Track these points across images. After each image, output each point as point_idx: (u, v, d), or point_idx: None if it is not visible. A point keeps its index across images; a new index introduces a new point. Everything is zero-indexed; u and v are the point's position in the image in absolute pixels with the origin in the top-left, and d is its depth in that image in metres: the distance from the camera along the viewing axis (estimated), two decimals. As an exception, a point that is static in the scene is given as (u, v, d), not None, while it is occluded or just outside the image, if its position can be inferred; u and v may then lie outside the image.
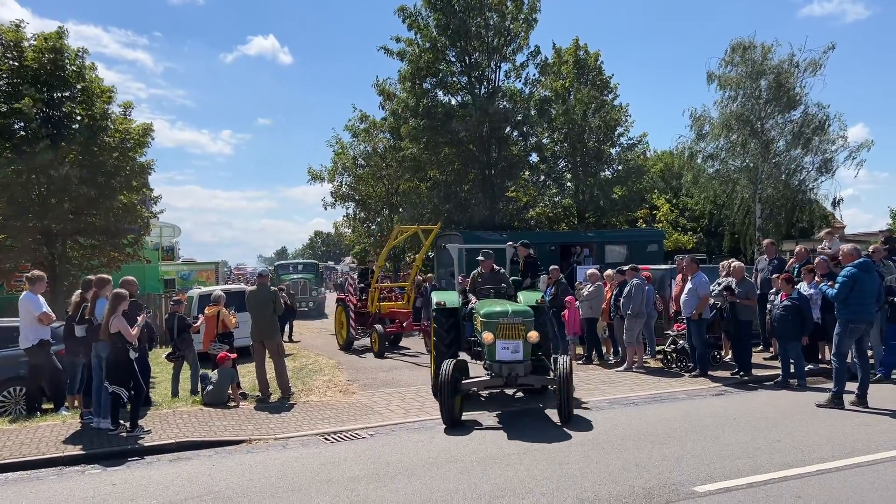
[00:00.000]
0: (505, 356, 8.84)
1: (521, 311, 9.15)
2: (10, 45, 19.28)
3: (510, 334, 8.87)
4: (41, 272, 10.67)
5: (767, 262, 13.42)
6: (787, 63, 27.40)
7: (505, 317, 8.94)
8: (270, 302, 11.29)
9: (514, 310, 9.07)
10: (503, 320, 8.93)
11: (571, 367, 8.78)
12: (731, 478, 6.31)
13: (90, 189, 19.50)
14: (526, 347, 8.89)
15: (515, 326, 8.89)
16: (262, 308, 11.28)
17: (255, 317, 11.34)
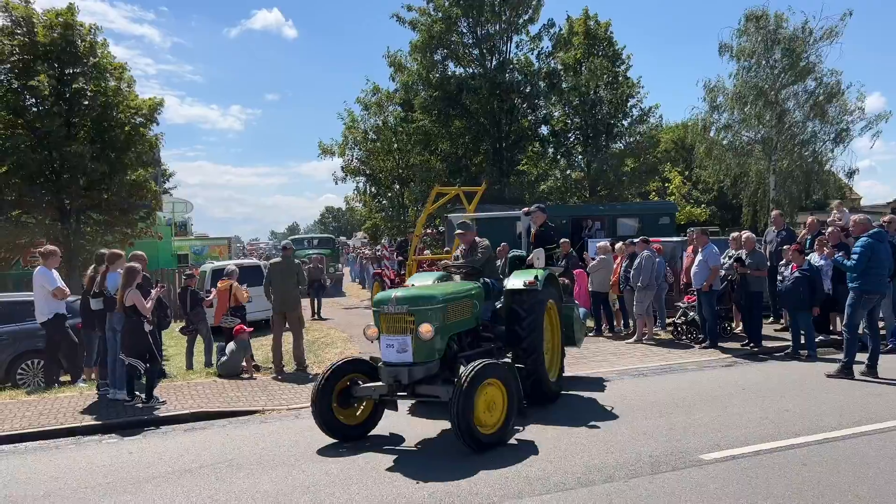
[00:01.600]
0: (389, 356, 6.85)
1: (410, 296, 7.02)
2: (21, 21, 19.30)
3: (395, 328, 6.84)
4: (54, 247, 10.83)
5: (776, 234, 13.35)
6: (802, 31, 26.92)
7: (388, 304, 6.90)
8: (294, 274, 11.37)
9: (400, 295, 7.00)
10: (386, 308, 6.91)
11: (478, 377, 6.34)
12: (738, 446, 6.37)
13: (102, 165, 19.63)
14: (418, 345, 6.74)
15: (400, 318, 6.80)
16: (285, 280, 11.34)
17: (277, 288, 11.38)
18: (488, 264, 8.58)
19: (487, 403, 6.48)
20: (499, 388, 6.59)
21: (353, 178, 35.61)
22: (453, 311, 7.24)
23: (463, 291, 7.66)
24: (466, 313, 7.57)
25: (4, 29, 19.26)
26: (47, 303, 10.07)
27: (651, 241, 13.50)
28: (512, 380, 6.76)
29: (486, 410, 6.48)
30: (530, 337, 7.90)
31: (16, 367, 11.23)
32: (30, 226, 20.32)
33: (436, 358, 6.95)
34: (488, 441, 6.43)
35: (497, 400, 6.59)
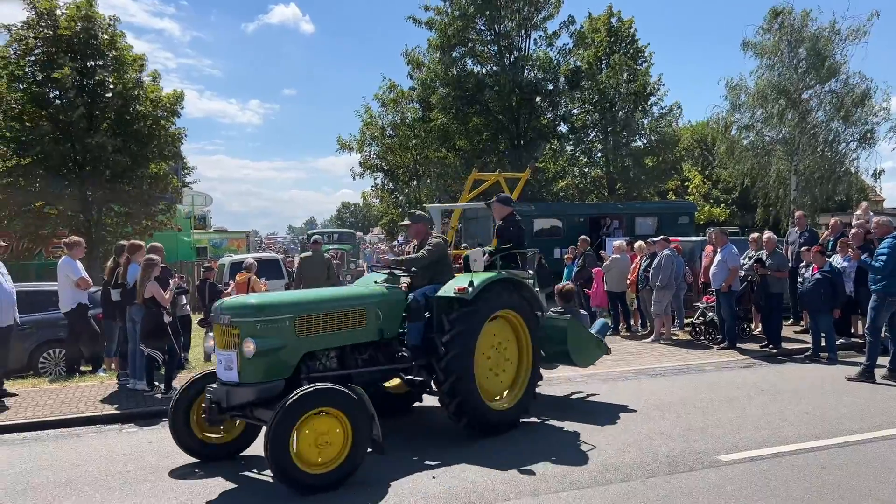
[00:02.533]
0: (220, 373, 6.02)
1: (235, 305, 6.13)
2: (44, 14, 19.55)
3: (222, 341, 6.00)
4: (79, 238, 10.96)
5: (798, 235, 13.20)
6: (828, 30, 26.55)
7: (218, 313, 6.08)
8: (325, 268, 11.50)
9: (227, 303, 6.18)
10: (214, 317, 6.19)
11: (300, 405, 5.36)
12: (756, 448, 6.32)
13: (124, 157, 19.85)
14: (244, 363, 5.77)
15: (226, 330, 5.96)
16: (315, 273, 11.45)
17: (308, 282, 11.49)
18: (437, 265, 7.25)
19: (316, 437, 5.42)
20: (338, 420, 5.51)
21: (370, 173, 35.74)
22: (320, 323, 6.15)
23: (346, 298, 6.69)
24: (355, 324, 6.43)
25: (30, 22, 19.52)
26: (71, 293, 10.20)
27: (670, 240, 13.41)
28: (359, 410, 5.60)
29: (314, 446, 5.42)
30: (451, 354, 6.46)
31: (38, 356, 11.39)
32: (52, 217, 20.61)
33: (274, 379, 5.84)
34: (316, 483, 5.40)
35: (333, 434, 5.49)
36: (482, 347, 6.91)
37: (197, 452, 6.33)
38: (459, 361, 6.51)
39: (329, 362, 6.40)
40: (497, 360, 7.15)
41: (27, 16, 19.60)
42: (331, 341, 6.33)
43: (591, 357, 8.58)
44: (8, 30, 19.49)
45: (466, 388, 6.57)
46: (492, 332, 7.06)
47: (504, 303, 7.06)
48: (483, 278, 6.82)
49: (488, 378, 7.06)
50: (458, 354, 6.50)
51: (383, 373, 6.82)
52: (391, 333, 6.81)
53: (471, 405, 6.64)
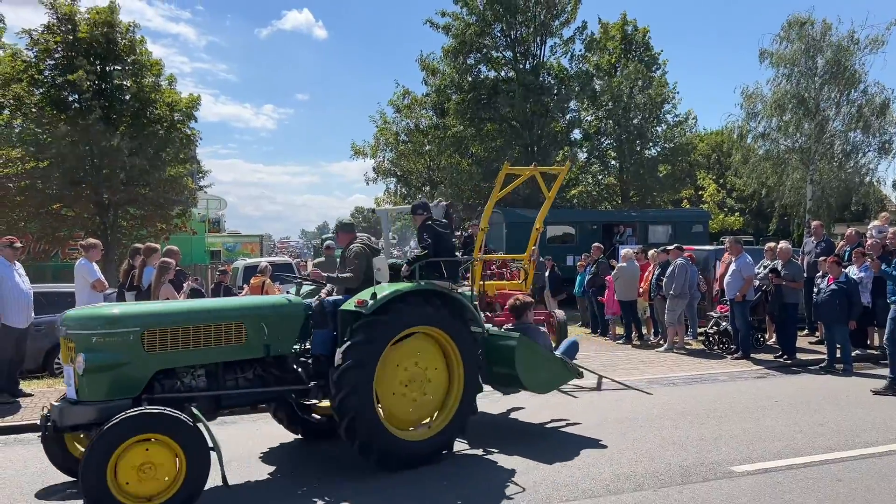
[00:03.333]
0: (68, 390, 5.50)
1: (74, 316, 5.54)
2: (65, 19, 19.82)
3: (65, 354, 5.50)
4: (96, 240, 11.05)
5: (815, 245, 13.10)
6: (847, 40, 26.39)
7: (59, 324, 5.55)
8: None
9: (66, 315, 5.56)
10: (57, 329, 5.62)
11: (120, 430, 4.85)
12: (770, 459, 6.26)
13: (141, 160, 20.05)
14: (79, 380, 5.25)
15: (65, 342, 5.47)
16: None
17: None
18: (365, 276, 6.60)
19: (140, 466, 4.88)
20: (168, 448, 4.98)
21: (384, 179, 35.85)
22: (178, 338, 5.56)
23: (215, 310, 6.06)
24: (229, 339, 5.81)
25: (50, 26, 19.80)
26: (88, 295, 10.25)
27: (684, 249, 13.35)
28: (193, 438, 5.03)
29: (137, 476, 4.87)
30: (345, 366, 5.79)
31: (53, 357, 11.48)
32: (69, 219, 20.83)
33: (117, 398, 5.25)
34: None
35: (162, 463, 4.97)
36: (393, 367, 6.19)
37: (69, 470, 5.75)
38: (353, 374, 5.79)
39: (195, 381, 5.77)
40: (415, 382, 6.31)
41: (48, 20, 19.88)
42: (195, 358, 5.71)
43: (552, 381, 7.46)
44: (29, 34, 19.78)
45: (360, 406, 5.80)
46: (410, 351, 6.30)
47: (423, 318, 6.27)
48: (390, 290, 6.11)
49: (402, 401, 6.26)
50: (351, 366, 5.78)
51: (269, 394, 6.13)
52: (282, 350, 6.12)
53: (367, 427, 5.86)
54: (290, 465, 6.54)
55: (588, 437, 7.12)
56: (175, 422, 4.99)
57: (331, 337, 6.19)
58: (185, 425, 5.02)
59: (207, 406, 5.71)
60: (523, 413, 8.26)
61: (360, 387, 5.82)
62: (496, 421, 7.91)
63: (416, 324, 6.26)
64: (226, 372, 5.94)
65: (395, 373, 6.22)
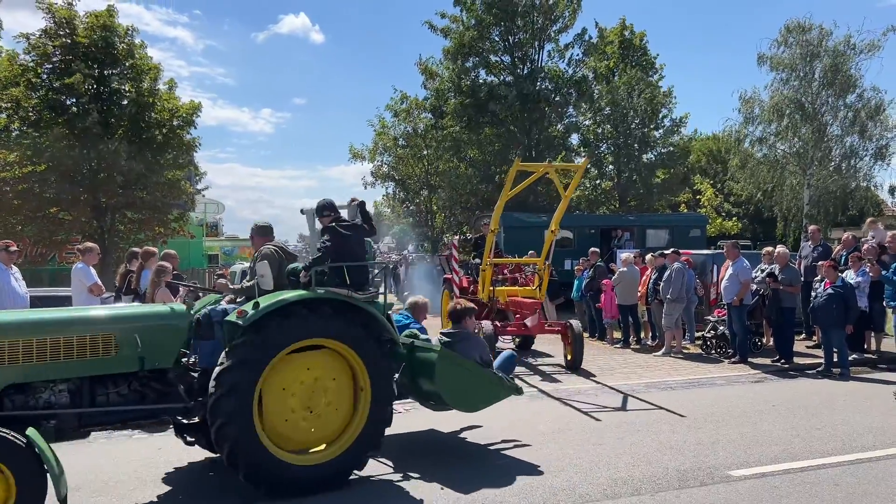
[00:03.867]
0: None
1: None
2: (64, 23, 19.83)
3: None
4: (93, 244, 11.04)
5: (812, 249, 13.13)
6: (844, 45, 26.49)
7: None
8: None
9: None
10: None
11: None
12: (768, 464, 6.27)
13: (138, 164, 20.04)
14: None
15: None
16: None
17: None
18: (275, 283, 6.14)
19: None
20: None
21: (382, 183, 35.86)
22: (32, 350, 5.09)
23: (77, 321, 5.52)
24: (96, 352, 5.35)
25: (48, 30, 19.80)
26: (84, 298, 10.26)
27: (681, 253, 13.37)
28: (24, 462, 4.51)
29: None
30: (219, 392, 5.34)
31: (49, 361, 11.45)
32: (66, 222, 20.80)
33: None
34: None
35: None
36: (288, 383, 5.69)
37: None
38: (229, 402, 5.32)
39: (55, 397, 5.28)
40: (312, 400, 5.78)
41: (46, 24, 19.88)
42: (54, 372, 5.21)
43: (483, 398, 6.62)
44: (26, 38, 19.77)
45: (239, 434, 5.35)
46: (308, 365, 5.78)
47: (317, 330, 5.74)
48: (273, 300, 5.60)
49: (298, 422, 5.73)
50: (225, 394, 5.31)
51: (143, 412, 5.58)
52: (161, 363, 5.61)
53: (250, 456, 5.41)
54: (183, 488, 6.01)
55: (585, 440, 7.12)
56: (12, 445, 4.46)
57: (220, 349, 5.70)
58: (15, 448, 4.47)
59: (69, 424, 5.26)
60: (526, 416, 8.25)
61: (238, 414, 5.33)
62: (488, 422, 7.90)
63: (307, 336, 5.71)
64: (95, 387, 5.41)
65: (290, 390, 5.70)
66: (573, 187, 12.04)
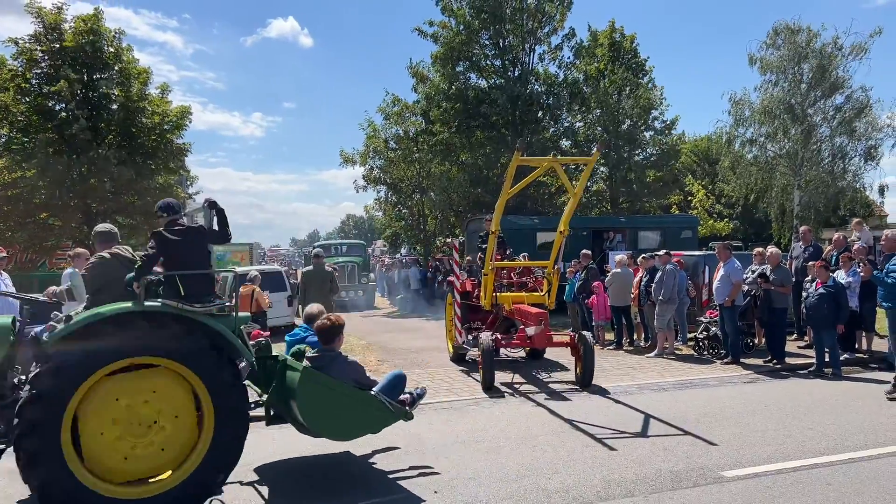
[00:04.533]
0: None
1: None
2: (51, 28, 19.75)
3: None
4: (83, 249, 10.98)
5: (803, 250, 13.19)
6: (832, 46, 26.68)
7: None
8: (327, 281, 11.54)
9: None
10: None
11: None
12: (760, 464, 6.27)
13: (129, 170, 19.97)
14: None
15: None
16: (318, 287, 11.52)
17: (312, 297, 11.56)
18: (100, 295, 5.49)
19: None
20: None
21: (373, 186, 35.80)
22: None
23: None
24: None
25: (37, 35, 19.71)
26: (74, 304, 10.18)
27: (673, 254, 13.40)
28: None
29: None
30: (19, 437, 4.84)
31: (39, 368, 11.37)
32: (56, 228, 20.70)
33: None
34: None
35: None
36: (110, 410, 5.11)
37: None
38: (32, 441, 4.80)
39: None
40: (146, 426, 5.24)
41: (34, 29, 19.79)
42: None
43: (360, 425, 5.85)
44: (15, 43, 19.68)
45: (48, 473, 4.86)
46: (135, 388, 5.22)
47: (140, 348, 5.16)
48: (84, 317, 5.07)
49: (126, 451, 5.17)
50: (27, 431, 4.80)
51: None
52: None
53: (64, 496, 4.90)
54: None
55: (578, 442, 7.12)
56: None
57: None
58: None
59: None
60: (516, 417, 8.24)
61: (43, 453, 4.82)
62: (485, 425, 7.88)
63: (125, 356, 5.11)
64: None
65: (118, 415, 5.14)
66: (583, 183, 11.05)
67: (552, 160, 10.91)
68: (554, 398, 9.38)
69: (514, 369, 11.54)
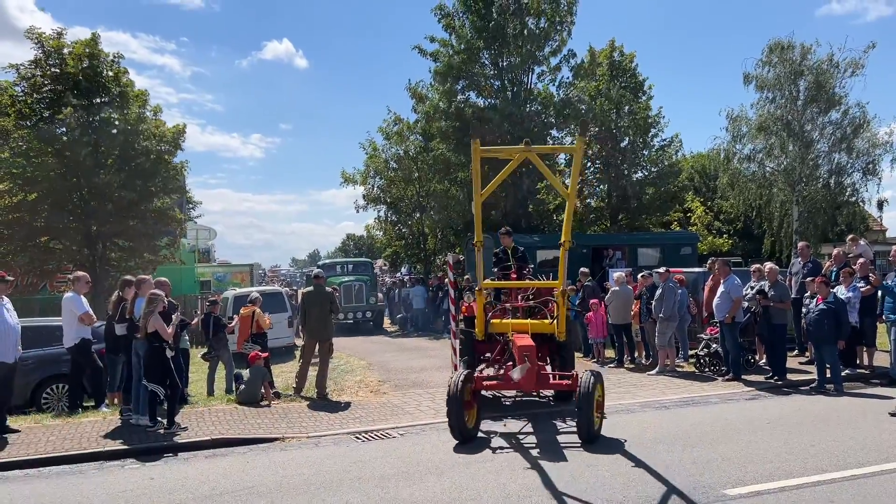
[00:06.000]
0: None
1: None
2: (52, 53, 19.92)
3: None
4: (84, 272, 11.01)
5: (802, 266, 13.21)
6: (827, 63, 26.90)
7: None
8: (328, 302, 11.53)
9: None
10: None
11: None
12: (763, 482, 6.26)
13: (130, 192, 20.04)
14: None
15: None
16: (319, 308, 11.52)
17: (312, 317, 11.56)
18: None
19: None
20: None
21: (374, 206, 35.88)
22: None
23: None
24: None
25: (37, 61, 19.89)
26: (75, 328, 10.21)
27: (673, 271, 13.43)
28: None
29: None
30: None
31: (41, 392, 11.36)
32: (57, 252, 20.73)
33: None
34: None
35: None
36: None
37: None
38: None
39: None
40: None
41: (34, 55, 19.97)
42: None
43: None
44: (16, 69, 19.85)
45: None
46: None
47: None
48: None
49: None
50: None
51: None
52: None
53: None
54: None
55: (579, 462, 7.09)
56: None
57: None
58: None
59: None
60: (515, 438, 8.22)
61: None
62: (487, 447, 7.86)
63: None
64: None
65: None
66: (575, 179, 9.76)
67: (524, 149, 9.13)
68: (552, 417, 9.33)
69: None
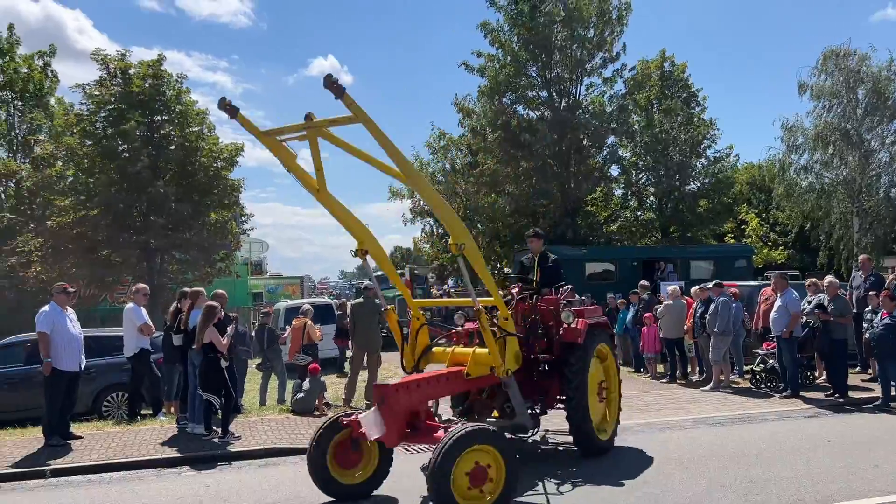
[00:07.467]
0: None
1: None
2: (117, 73, 20.76)
3: None
4: (143, 285, 11.40)
5: (863, 279, 12.75)
6: (887, 70, 26.06)
7: None
8: (376, 314, 11.65)
9: None
10: None
11: None
12: (825, 503, 6.05)
13: (186, 206, 20.66)
14: None
15: None
16: (368, 320, 11.66)
17: (361, 329, 11.71)
18: None
19: None
20: None
21: (420, 219, 36.13)
22: None
23: None
24: None
25: (103, 81, 20.74)
26: (135, 338, 10.56)
27: (726, 284, 13.13)
28: None
29: None
30: None
31: (101, 400, 11.76)
32: (117, 264, 21.46)
33: None
34: None
35: None
36: None
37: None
38: None
39: None
40: None
41: (99, 75, 20.84)
42: None
43: None
44: (82, 88, 20.74)
45: None
46: None
47: None
48: None
49: None
50: None
51: None
52: None
53: None
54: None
55: (632, 478, 6.98)
56: None
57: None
58: None
59: None
60: (561, 453, 8.14)
61: None
62: (538, 463, 7.81)
63: None
64: None
65: None
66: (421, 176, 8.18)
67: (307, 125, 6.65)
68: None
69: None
